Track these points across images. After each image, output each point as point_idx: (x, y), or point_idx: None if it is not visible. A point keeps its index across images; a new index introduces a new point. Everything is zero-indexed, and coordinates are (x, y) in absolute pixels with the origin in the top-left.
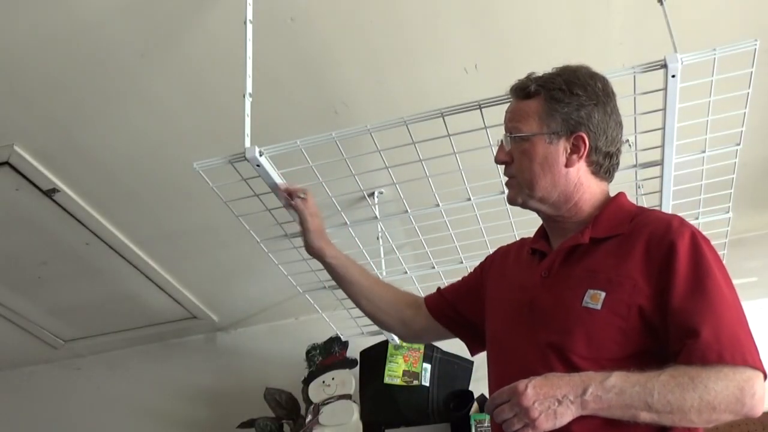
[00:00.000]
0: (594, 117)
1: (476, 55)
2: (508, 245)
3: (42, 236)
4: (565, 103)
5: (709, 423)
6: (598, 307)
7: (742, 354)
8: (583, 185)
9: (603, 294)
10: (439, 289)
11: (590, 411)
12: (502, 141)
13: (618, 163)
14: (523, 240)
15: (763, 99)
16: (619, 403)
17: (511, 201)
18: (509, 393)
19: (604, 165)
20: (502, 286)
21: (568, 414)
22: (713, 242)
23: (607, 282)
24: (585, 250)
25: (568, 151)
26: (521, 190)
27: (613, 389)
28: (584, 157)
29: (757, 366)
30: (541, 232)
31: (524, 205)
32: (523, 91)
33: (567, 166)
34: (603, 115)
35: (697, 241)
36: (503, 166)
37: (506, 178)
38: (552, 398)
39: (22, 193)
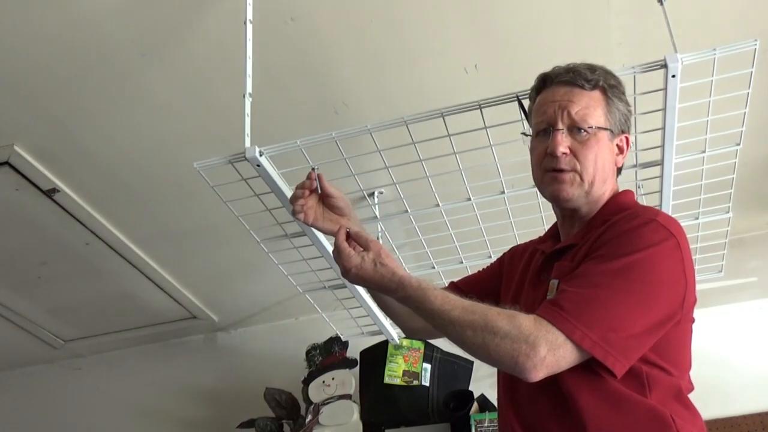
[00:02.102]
0: (629, 120)
1: (476, 55)
2: (524, 244)
3: (42, 236)
4: (621, 102)
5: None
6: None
7: (575, 326)
8: (611, 186)
9: (556, 282)
10: (452, 282)
11: (403, 298)
12: (556, 130)
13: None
14: (535, 240)
15: (763, 99)
16: (417, 306)
17: (567, 197)
18: (369, 242)
19: (622, 167)
20: (509, 285)
21: (389, 284)
22: (713, 242)
23: (567, 273)
24: (564, 251)
25: (616, 150)
26: (581, 185)
27: (418, 293)
28: (623, 157)
29: (570, 335)
30: (552, 231)
31: (578, 204)
32: (586, 80)
33: (615, 165)
34: (631, 118)
35: (641, 228)
36: (545, 157)
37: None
38: (392, 272)
39: (22, 193)
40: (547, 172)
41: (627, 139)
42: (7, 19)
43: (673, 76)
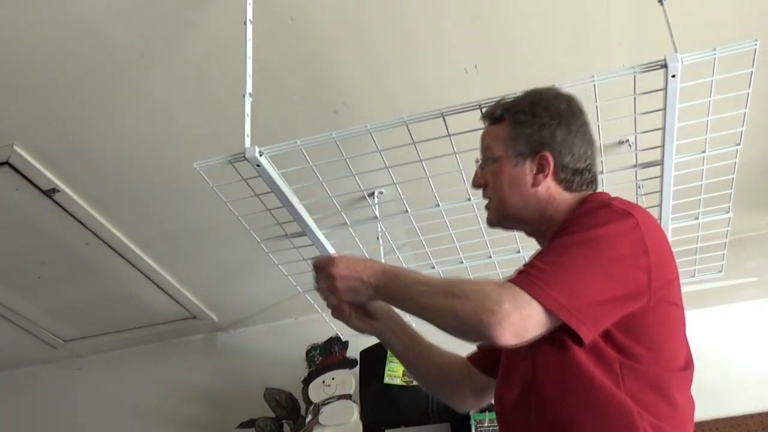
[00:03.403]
0: (557, 136)
1: (476, 55)
2: None
3: (42, 236)
4: (528, 125)
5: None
6: None
7: (540, 287)
8: (556, 200)
9: None
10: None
11: (381, 296)
12: (478, 165)
13: (595, 177)
14: None
15: (763, 99)
16: (398, 295)
17: (489, 222)
18: (326, 261)
19: (576, 180)
20: None
21: (364, 293)
22: (713, 242)
23: None
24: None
25: (534, 170)
26: (496, 212)
27: (396, 280)
28: (551, 175)
29: (536, 296)
30: None
31: (501, 226)
32: (491, 116)
33: (534, 185)
34: (567, 133)
35: (599, 208)
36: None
37: (485, 201)
38: (356, 278)
39: (22, 193)
40: None
41: (545, 156)
42: (7, 18)
43: (673, 76)
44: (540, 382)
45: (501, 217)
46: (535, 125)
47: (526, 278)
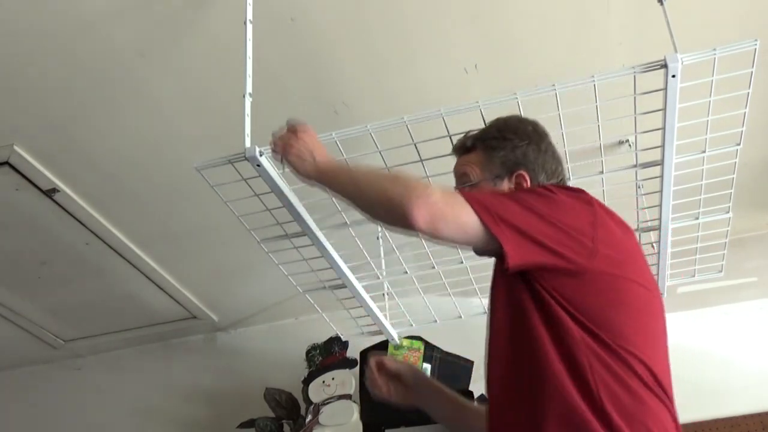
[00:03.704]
0: (530, 155)
1: (476, 55)
2: None
3: (42, 236)
4: (500, 148)
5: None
6: None
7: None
8: None
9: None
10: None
11: (322, 176)
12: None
13: None
14: None
15: (763, 99)
16: (338, 178)
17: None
18: (304, 126)
19: None
20: None
21: (306, 167)
22: (713, 242)
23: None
24: None
25: (513, 190)
26: None
27: (339, 168)
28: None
29: (469, 200)
30: None
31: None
32: (463, 148)
33: None
34: (538, 152)
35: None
36: None
37: None
38: (310, 151)
39: (22, 193)
40: None
41: (522, 174)
42: (7, 18)
43: (673, 76)
44: (500, 345)
45: None
46: (507, 147)
47: (465, 191)
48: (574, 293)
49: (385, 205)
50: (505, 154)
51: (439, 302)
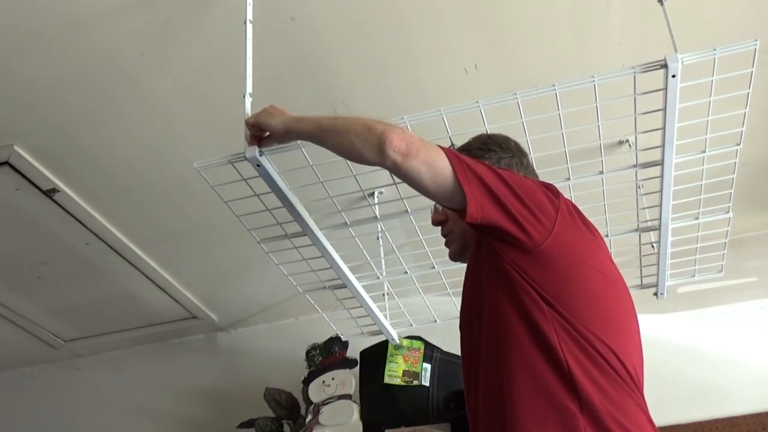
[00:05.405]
0: (513, 167)
1: (476, 55)
2: None
3: (42, 236)
4: (485, 158)
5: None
6: None
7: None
8: None
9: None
10: None
11: (298, 122)
12: (435, 205)
13: None
14: None
15: (763, 99)
16: (311, 119)
17: (453, 257)
18: (281, 108)
19: None
20: None
21: (280, 118)
22: (713, 242)
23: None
24: None
25: None
26: (460, 245)
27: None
28: None
29: (445, 151)
30: None
31: (464, 259)
32: None
33: None
34: (520, 166)
35: None
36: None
37: (443, 239)
38: (280, 111)
39: (22, 193)
40: None
41: None
42: (6, 18)
43: (673, 76)
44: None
45: (466, 248)
46: (492, 158)
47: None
48: (533, 270)
49: (362, 134)
50: (491, 163)
51: (439, 302)
